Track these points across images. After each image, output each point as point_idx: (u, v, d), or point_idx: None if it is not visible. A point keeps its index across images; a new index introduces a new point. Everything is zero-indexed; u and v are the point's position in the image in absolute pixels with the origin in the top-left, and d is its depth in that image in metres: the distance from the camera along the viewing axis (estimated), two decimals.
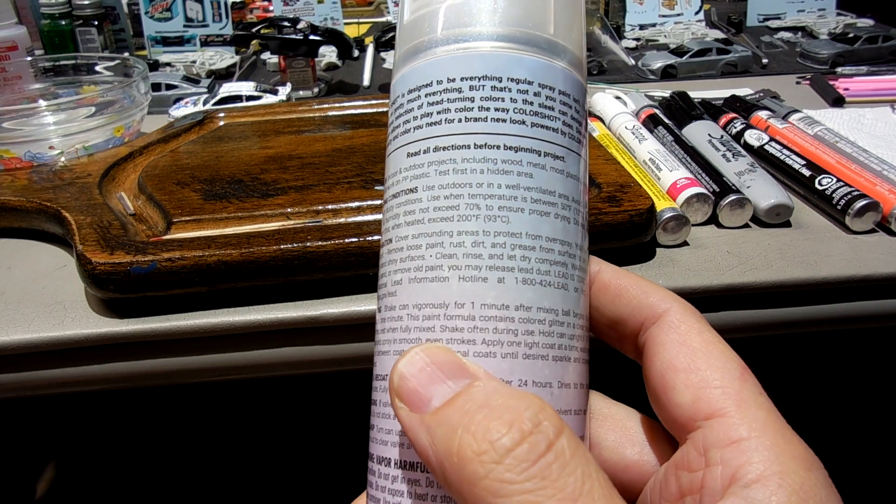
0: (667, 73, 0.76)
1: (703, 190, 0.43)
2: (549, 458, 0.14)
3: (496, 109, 0.17)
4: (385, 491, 0.16)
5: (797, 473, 0.15)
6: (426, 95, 0.17)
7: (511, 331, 0.16)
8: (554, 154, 0.17)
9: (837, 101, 0.64)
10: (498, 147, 0.16)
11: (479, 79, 0.17)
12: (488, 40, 0.17)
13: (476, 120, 0.17)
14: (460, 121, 0.17)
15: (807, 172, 0.45)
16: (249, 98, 0.66)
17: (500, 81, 0.17)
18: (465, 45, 0.17)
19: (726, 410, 0.16)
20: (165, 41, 0.89)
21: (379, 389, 0.17)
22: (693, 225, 0.42)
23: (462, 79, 0.17)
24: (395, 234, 0.17)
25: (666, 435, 0.19)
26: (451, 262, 0.16)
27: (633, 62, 0.81)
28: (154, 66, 0.83)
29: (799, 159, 0.47)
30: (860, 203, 0.41)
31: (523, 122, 0.17)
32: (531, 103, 0.17)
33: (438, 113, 0.17)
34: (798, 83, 0.72)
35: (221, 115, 0.56)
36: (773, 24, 0.97)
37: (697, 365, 0.17)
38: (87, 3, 0.84)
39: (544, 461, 0.14)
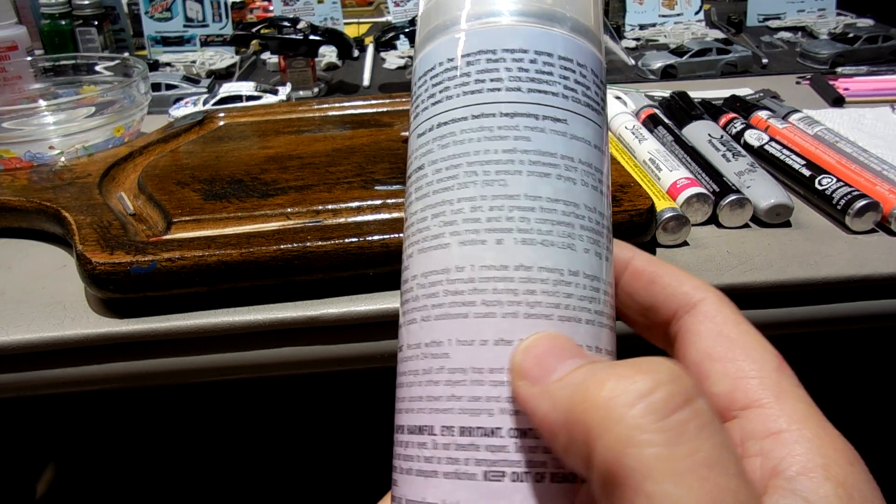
0: (667, 73, 0.76)
1: (703, 190, 0.43)
2: (686, 413, 0.12)
3: (491, 80, 0.17)
4: (399, 458, 0.16)
5: (841, 467, 0.14)
6: (430, 78, 0.18)
7: (511, 290, 0.16)
8: (554, 117, 0.17)
9: (837, 101, 0.64)
10: (494, 115, 0.17)
11: (475, 54, 0.17)
12: (483, 18, 0.18)
13: (473, 93, 0.17)
14: (458, 96, 0.17)
15: (807, 172, 0.45)
16: (249, 98, 0.66)
17: (495, 53, 0.17)
18: (461, 27, 0.18)
19: (764, 401, 0.16)
20: (165, 41, 0.89)
21: (398, 362, 0.18)
22: (693, 225, 0.42)
23: (461, 57, 0.18)
24: (408, 212, 0.18)
25: None
26: (451, 229, 0.17)
27: (633, 62, 0.81)
28: (154, 66, 0.83)
29: (799, 159, 0.47)
30: (860, 203, 0.41)
31: (518, 89, 0.17)
32: (526, 70, 0.17)
33: (440, 92, 0.18)
34: (798, 83, 0.72)
35: (221, 115, 0.56)
36: (773, 24, 0.97)
37: (735, 355, 0.17)
38: (87, 3, 0.84)
39: (681, 415, 0.12)
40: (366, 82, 0.80)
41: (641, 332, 0.20)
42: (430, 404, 0.16)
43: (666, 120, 0.54)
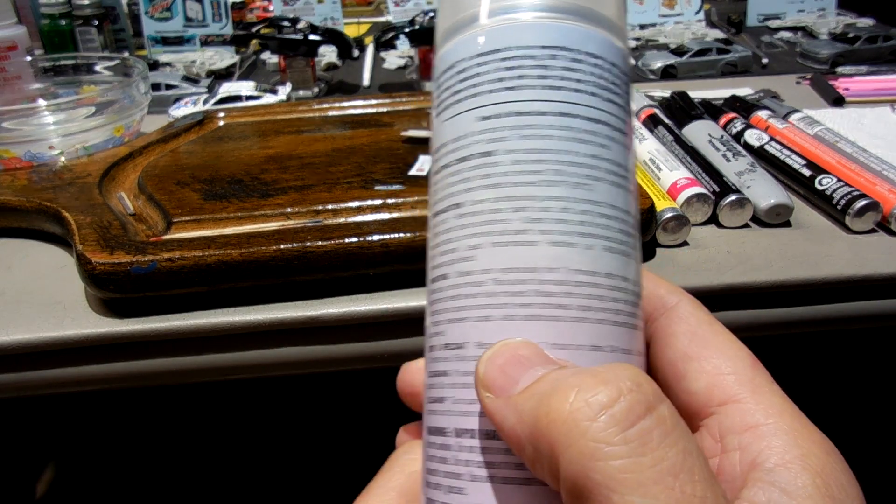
0: (667, 73, 0.76)
1: (703, 190, 0.43)
2: (649, 422, 0.13)
3: (575, 80, 0.17)
4: (471, 465, 0.16)
5: (817, 457, 0.15)
6: (500, 60, 0.17)
7: (600, 297, 0.16)
8: (622, 129, 0.17)
9: (837, 101, 0.64)
10: (577, 116, 0.17)
11: (558, 49, 0.17)
12: (562, 13, 0.17)
13: (556, 88, 0.17)
14: (540, 87, 0.17)
15: (807, 172, 0.45)
16: (249, 98, 0.66)
17: (577, 53, 0.17)
18: (539, 14, 0.17)
19: (741, 396, 0.16)
20: (165, 41, 0.89)
21: (453, 359, 0.17)
22: (693, 225, 0.42)
23: (540, 47, 0.17)
24: (467, 198, 0.17)
25: None
26: (540, 227, 0.16)
27: (633, 62, 0.81)
28: (154, 66, 0.83)
29: (799, 159, 0.47)
30: (860, 203, 0.41)
31: (597, 95, 0.17)
32: (603, 78, 0.17)
33: (516, 78, 0.17)
34: (798, 83, 0.72)
35: (221, 115, 0.56)
36: (773, 23, 0.97)
37: (710, 354, 0.17)
38: (87, 3, 0.84)
39: (644, 424, 0.13)
40: (366, 82, 0.80)
41: None
42: None
43: (666, 120, 0.54)
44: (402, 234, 0.36)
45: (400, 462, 0.18)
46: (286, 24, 0.74)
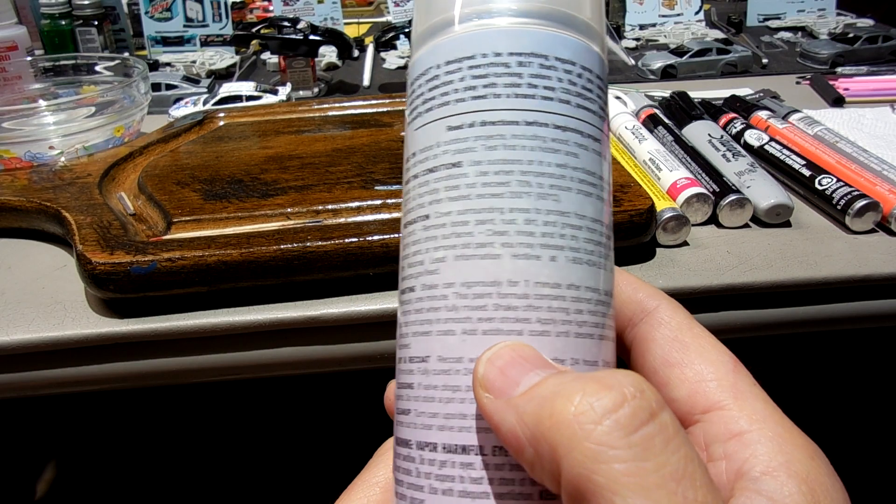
0: (667, 73, 0.76)
1: (703, 190, 0.43)
2: (652, 428, 0.13)
3: (545, 87, 0.16)
4: (430, 477, 0.16)
5: (802, 463, 0.15)
6: (469, 68, 0.17)
7: (563, 309, 0.16)
8: (594, 136, 0.17)
9: (837, 101, 0.64)
10: (547, 125, 0.16)
11: (528, 55, 0.16)
12: (535, 18, 0.17)
13: (525, 97, 0.16)
14: (509, 96, 0.16)
15: (807, 172, 0.45)
16: (249, 98, 0.66)
17: (548, 59, 0.17)
18: (511, 20, 0.17)
19: (724, 403, 0.16)
20: (165, 41, 0.89)
21: (417, 372, 0.17)
22: (693, 225, 0.42)
23: (510, 53, 0.16)
24: (433, 210, 0.17)
25: None
26: (503, 240, 0.16)
27: (633, 62, 0.81)
28: (154, 66, 0.83)
29: (799, 159, 0.47)
30: (860, 203, 0.41)
31: (568, 102, 0.17)
32: (575, 84, 0.17)
33: (485, 87, 0.16)
34: (798, 83, 0.72)
35: (221, 115, 0.56)
36: (773, 24, 0.97)
37: (691, 359, 0.17)
38: (87, 3, 0.84)
39: (647, 430, 0.13)
40: (366, 82, 0.80)
41: None
42: (478, 423, 0.15)
43: (666, 120, 0.54)
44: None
45: (385, 457, 0.18)
46: (286, 24, 0.74)
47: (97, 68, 0.65)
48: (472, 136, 0.16)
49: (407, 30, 0.79)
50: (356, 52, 0.78)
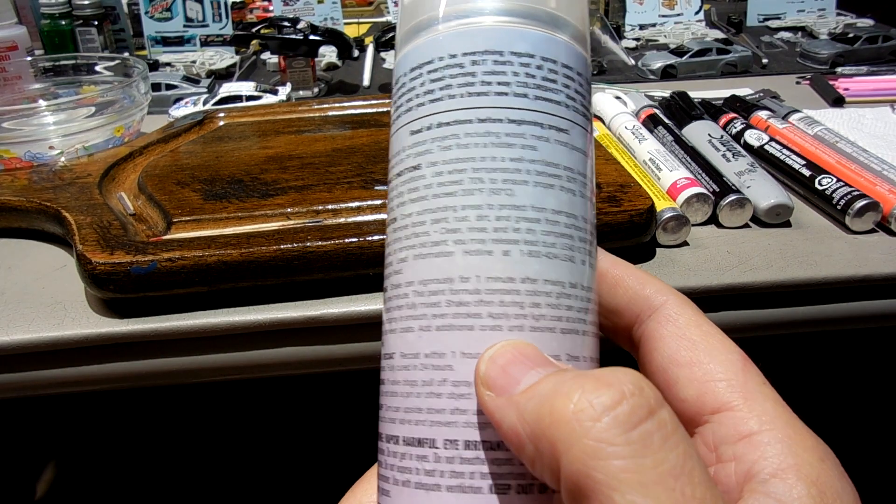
0: (667, 73, 0.76)
1: (703, 190, 0.43)
2: (651, 425, 0.13)
3: (498, 83, 0.17)
4: (394, 469, 0.16)
5: (812, 465, 0.15)
6: (428, 73, 0.17)
7: (517, 303, 0.16)
8: (558, 127, 0.17)
9: (837, 101, 0.64)
10: (501, 120, 0.16)
11: (481, 53, 0.17)
12: (490, 15, 0.17)
13: (479, 94, 0.17)
14: (462, 96, 0.17)
15: (807, 172, 0.45)
16: (249, 98, 0.66)
17: (502, 55, 0.17)
18: (465, 20, 0.17)
19: (733, 404, 0.16)
20: (165, 41, 0.89)
21: (386, 368, 0.17)
22: (693, 225, 0.42)
23: (464, 54, 0.17)
24: (399, 213, 0.17)
25: None
26: (455, 237, 0.16)
27: (633, 62, 0.81)
28: (154, 66, 0.83)
29: (799, 159, 0.47)
30: (860, 203, 0.41)
31: (525, 96, 0.17)
32: (533, 76, 0.17)
33: (441, 89, 0.17)
34: (798, 83, 0.72)
35: (221, 115, 0.56)
36: (773, 24, 0.97)
37: (699, 358, 0.17)
38: (87, 3, 0.84)
39: (645, 427, 0.13)
40: (366, 82, 0.80)
41: (607, 335, 0.20)
42: (432, 416, 0.16)
43: (666, 120, 0.54)
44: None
45: None
46: (286, 24, 0.74)
47: (97, 68, 0.65)
48: (430, 138, 0.17)
49: None
50: (356, 53, 0.78)
